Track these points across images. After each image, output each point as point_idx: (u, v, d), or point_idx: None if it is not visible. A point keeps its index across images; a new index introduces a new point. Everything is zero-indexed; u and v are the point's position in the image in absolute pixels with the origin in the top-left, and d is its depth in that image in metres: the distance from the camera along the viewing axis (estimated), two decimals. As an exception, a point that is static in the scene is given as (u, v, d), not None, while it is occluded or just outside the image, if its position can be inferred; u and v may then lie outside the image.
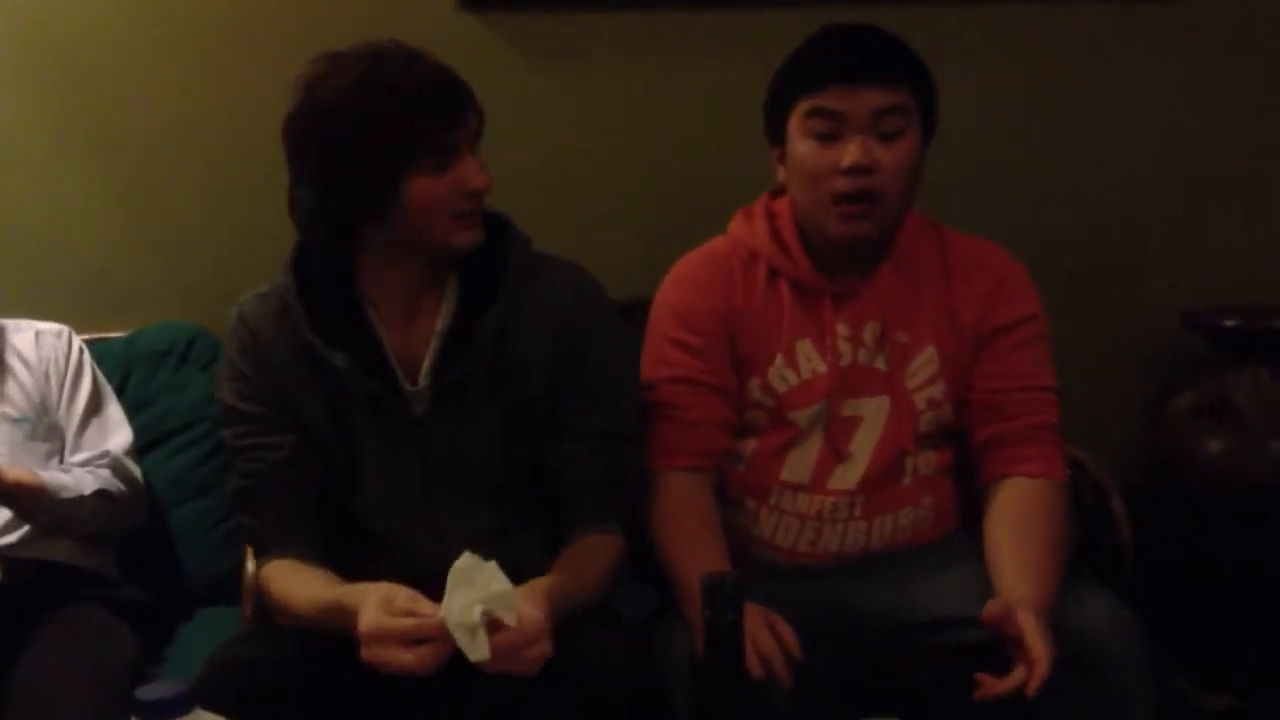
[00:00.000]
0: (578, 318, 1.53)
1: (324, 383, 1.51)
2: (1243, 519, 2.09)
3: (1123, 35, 2.23)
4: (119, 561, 1.90)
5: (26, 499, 1.74)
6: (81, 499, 1.79)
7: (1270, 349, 2.13)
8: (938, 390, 1.67)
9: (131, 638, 1.72)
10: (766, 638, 1.46)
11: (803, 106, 1.60)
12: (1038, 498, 1.62)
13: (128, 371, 2.05)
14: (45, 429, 1.88)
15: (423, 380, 1.51)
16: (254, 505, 1.54)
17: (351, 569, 1.49)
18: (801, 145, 1.61)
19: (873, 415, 1.67)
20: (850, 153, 1.57)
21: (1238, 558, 2.09)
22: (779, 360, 1.67)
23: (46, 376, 1.90)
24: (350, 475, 1.54)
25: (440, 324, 1.52)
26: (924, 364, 1.67)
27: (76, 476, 1.82)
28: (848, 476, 1.67)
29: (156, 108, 2.19)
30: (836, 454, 1.67)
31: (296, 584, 1.48)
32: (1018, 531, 1.57)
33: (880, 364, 1.67)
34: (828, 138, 1.59)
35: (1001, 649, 1.44)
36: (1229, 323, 2.15)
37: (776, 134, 1.65)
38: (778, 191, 1.72)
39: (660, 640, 1.54)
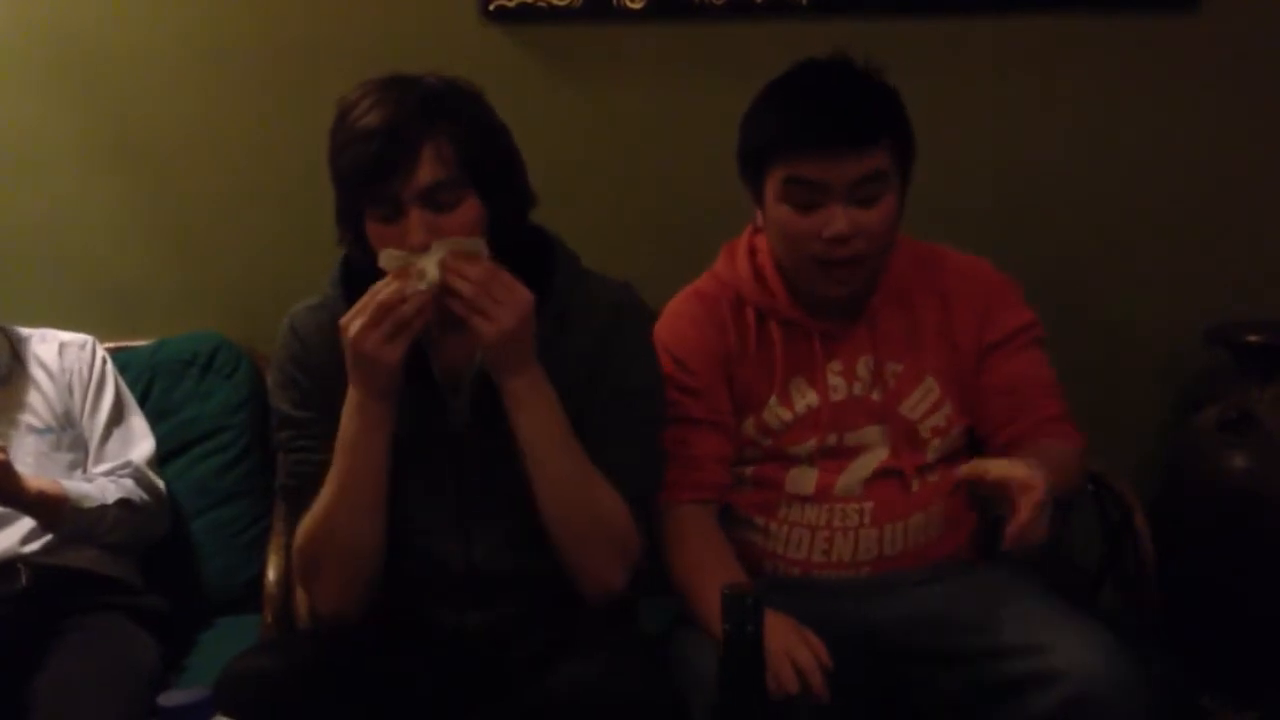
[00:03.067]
0: (613, 340, 1.51)
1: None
2: (1267, 534, 2.08)
3: (1145, 48, 2.23)
4: (141, 570, 1.91)
5: (49, 508, 1.75)
6: (104, 508, 1.80)
7: (1294, 365, 2.12)
8: (942, 417, 1.66)
9: (153, 645, 1.73)
10: (804, 652, 1.46)
11: (779, 173, 1.56)
12: (1054, 446, 1.61)
13: (151, 381, 2.06)
14: (69, 439, 1.89)
15: (463, 395, 1.51)
16: (300, 505, 1.53)
17: (386, 569, 1.50)
18: (780, 210, 1.58)
19: (873, 443, 1.65)
20: (832, 224, 1.53)
21: (1262, 573, 2.07)
22: (774, 400, 1.65)
23: (70, 387, 1.91)
24: (389, 481, 1.52)
25: None
26: (925, 393, 1.66)
27: (99, 486, 1.83)
28: (852, 485, 1.66)
29: (181, 119, 2.21)
30: (841, 469, 1.66)
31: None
32: (1027, 451, 1.57)
33: (876, 395, 1.65)
34: (807, 205, 1.55)
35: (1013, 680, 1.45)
36: (1253, 338, 2.13)
37: (753, 186, 1.62)
38: (761, 226, 1.70)
39: (679, 653, 1.54)
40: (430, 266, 1.38)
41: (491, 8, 2.19)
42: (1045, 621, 1.51)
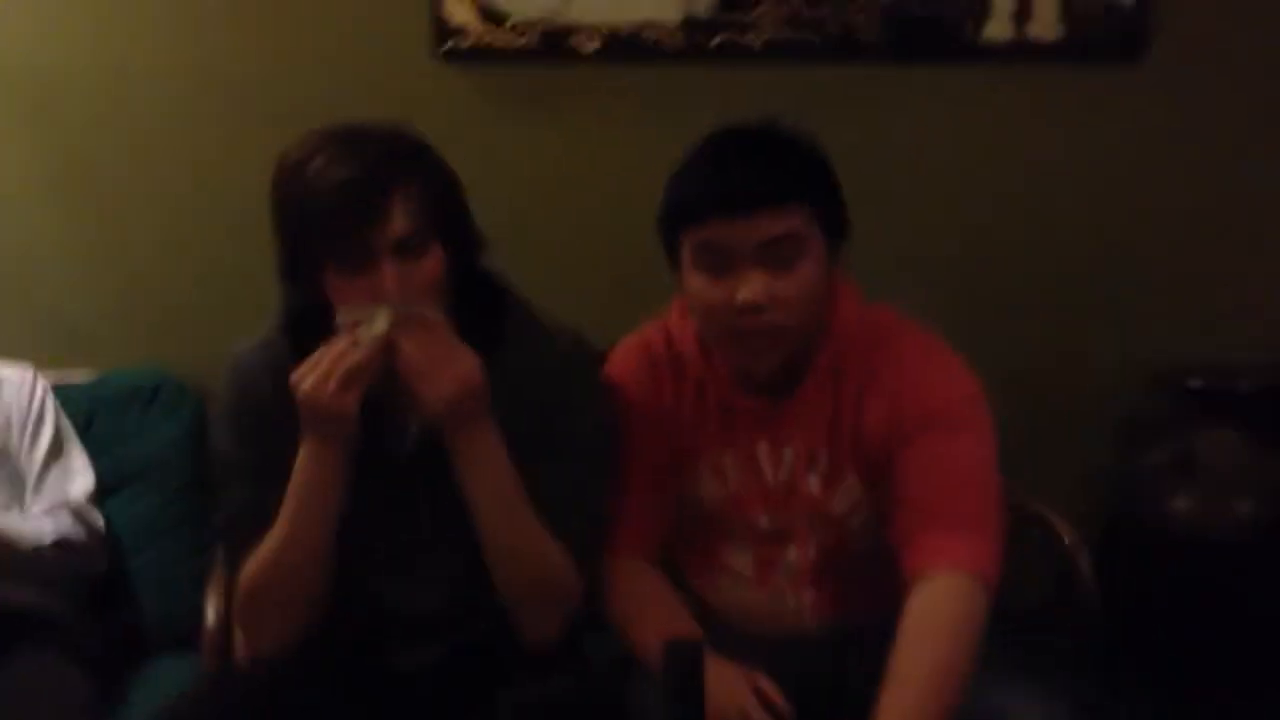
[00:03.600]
0: (562, 392, 1.51)
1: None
2: (1210, 578, 2.10)
3: (1087, 97, 2.27)
4: (79, 607, 1.87)
5: None
6: (40, 548, 1.76)
7: (1236, 409, 2.15)
8: (868, 515, 1.59)
9: (84, 686, 1.70)
10: (757, 710, 1.44)
11: (690, 239, 1.49)
12: (940, 609, 1.43)
13: (93, 415, 2.03)
14: (7, 473, 1.86)
15: (412, 438, 1.51)
16: (238, 545, 1.52)
17: (328, 609, 1.50)
18: (694, 279, 1.50)
19: (809, 529, 1.61)
20: (742, 291, 1.45)
21: (1205, 616, 2.09)
22: (704, 472, 1.61)
23: (9, 420, 1.89)
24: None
25: None
26: (847, 490, 1.59)
27: (35, 524, 1.80)
28: (790, 573, 1.62)
29: (126, 152, 2.20)
30: (776, 556, 1.62)
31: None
32: (904, 669, 1.40)
33: (809, 485, 1.59)
34: (719, 270, 1.47)
35: None
36: (1195, 383, 2.16)
37: (671, 257, 1.55)
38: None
39: (630, 694, 1.53)
40: (380, 319, 1.39)
41: (445, 49, 2.20)
42: (997, 684, 1.47)
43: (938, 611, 1.42)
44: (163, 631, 1.95)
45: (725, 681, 1.47)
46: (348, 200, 1.38)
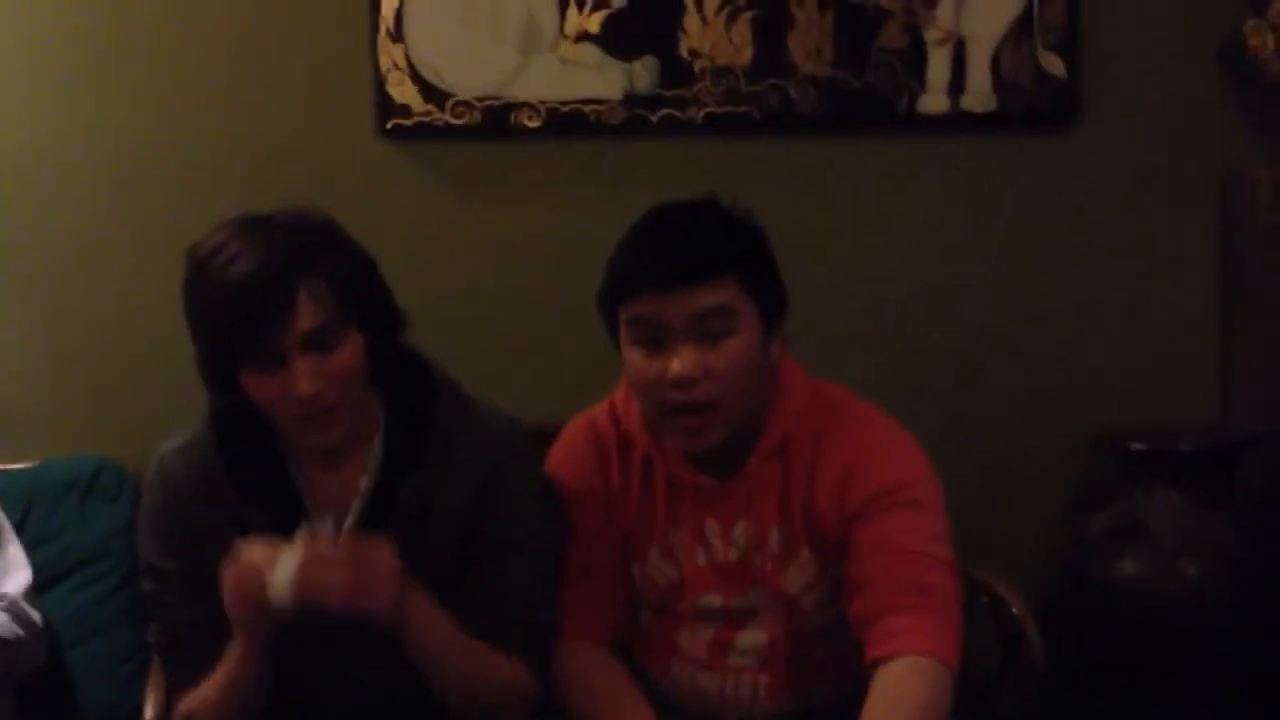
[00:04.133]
0: (496, 481, 1.47)
1: (241, 535, 1.44)
2: (1159, 639, 2.10)
3: (1023, 165, 2.31)
4: (15, 705, 1.82)
5: None
6: None
7: (1179, 470, 2.17)
8: (823, 592, 1.56)
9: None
10: None
11: (624, 314, 1.50)
12: (906, 692, 1.40)
13: (30, 505, 1.99)
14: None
15: (343, 528, 1.46)
16: (173, 657, 1.52)
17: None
18: (630, 354, 1.51)
19: (763, 608, 1.58)
20: (674, 366, 1.45)
21: (1153, 678, 2.09)
22: (654, 553, 1.60)
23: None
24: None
25: (363, 484, 1.47)
26: (801, 567, 1.56)
27: None
28: (747, 656, 1.60)
29: (63, 236, 2.18)
30: (732, 637, 1.60)
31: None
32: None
33: (759, 562, 1.57)
34: (653, 344, 1.47)
35: None
36: (1137, 446, 2.19)
37: (611, 332, 1.55)
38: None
39: None
40: (281, 590, 1.34)
41: (389, 126, 2.21)
42: None
43: (904, 694, 1.40)
44: (101, 727, 1.91)
45: None
46: (250, 299, 1.34)
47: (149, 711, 1.64)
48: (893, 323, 2.27)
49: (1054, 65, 2.27)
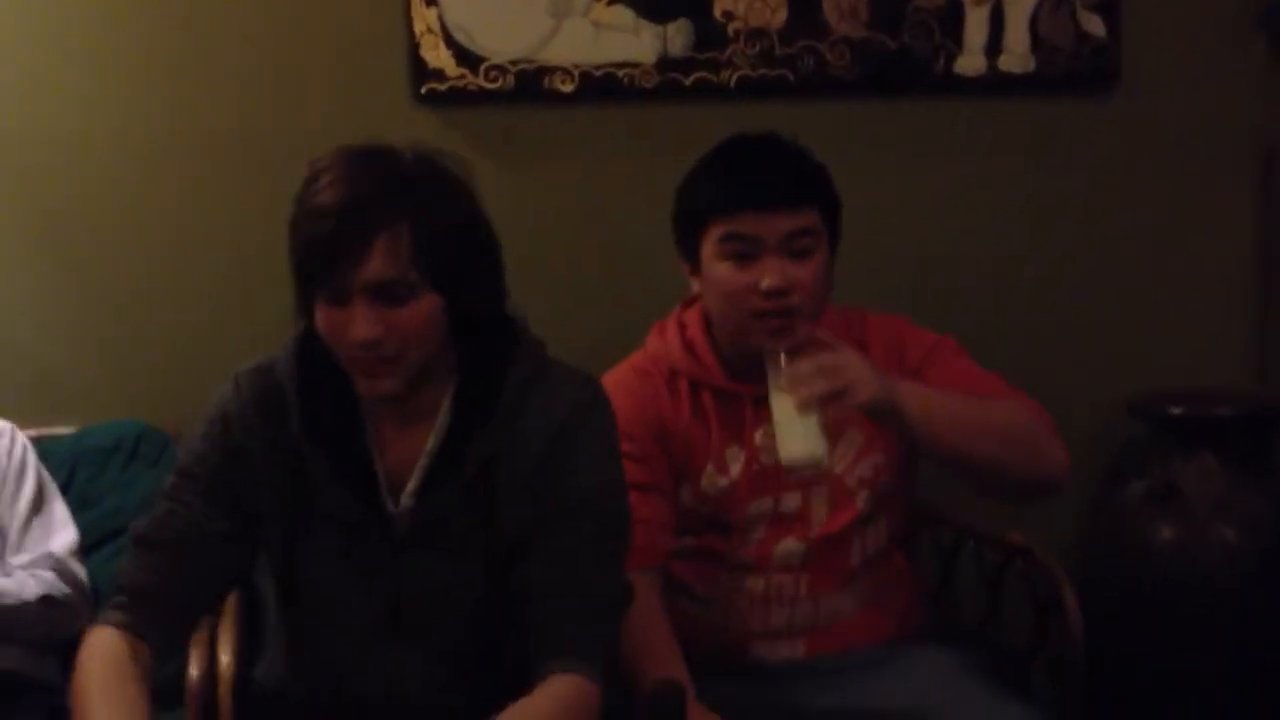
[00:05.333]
0: (560, 443, 1.40)
1: (295, 484, 1.41)
2: (1195, 605, 2.10)
3: (1059, 128, 2.29)
4: (63, 667, 1.85)
5: None
6: (24, 605, 1.75)
7: (1217, 436, 2.16)
8: (869, 467, 1.71)
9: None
10: None
11: (716, 231, 1.64)
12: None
13: (74, 469, 2.01)
14: (-11, 529, 1.85)
15: (405, 502, 1.40)
16: (144, 555, 1.42)
17: (299, 689, 1.46)
18: (718, 267, 1.64)
19: (811, 505, 1.69)
20: (768, 276, 1.60)
21: (1191, 645, 2.09)
22: (710, 468, 1.70)
23: (-8, 475, 1.87)
24: (293, 589, 1.46)
25: (430, 443, 1.40)
26: (848, 447, 1.70)
27: (18, 581, 1.78)
28: (792, 553, 1.70)
29: (107, 204, 2.19)
30: (778, 540, 1.69)
31: (105, 690, 1.35)
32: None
33: None
34: (743, 258, 1.62)
35: None
36: (1175, 410, 2.17)
37: (689, 251, 1.69)
38: (689, 301, 1.76)
39: None
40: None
41: (423, 91, 2.20)
42: (982, 710, 1.54)
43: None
44: (146, 689, 1.94)
45: None
46: (326, 231, 1.29)
47: (193, 671, 1.66)
48: (927, 288, 2.26)
49: (1094, 26, 2.25)
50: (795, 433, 1.48)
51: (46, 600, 1.78)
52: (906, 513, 1.81)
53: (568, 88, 2.22)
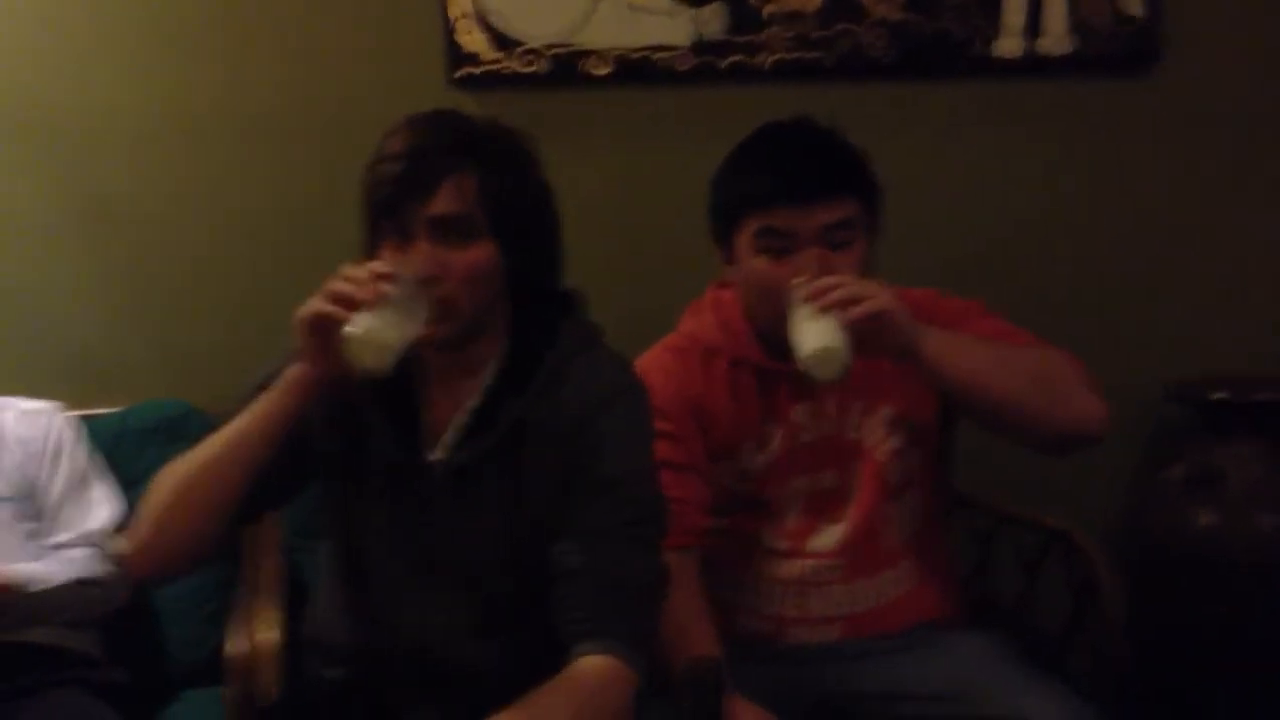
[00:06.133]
0: (594, 415, 1.42)
1: (351, 429, 1.46)
2: (1234, 590, 2.08)
3: (1099, 110, 2.27)
4: (103, 641, 1.88)
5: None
6: (55, 590, 1.76)
7: (1257, 421, 2.14)
8: (897, 440, 1.70)
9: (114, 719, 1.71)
10: None
11: (752, 225, 1.61)
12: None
13: (117, 449, 2.04)
14: (32, 509, 1.87)
15: (439, 454, 1.45)
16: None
17: (347, 626, 1.48)
18: (754, 261, 1.62)
19: (847, 481, 1.69)
20: (806, 270, 1.55)
21: (1230, 630, 2.08)
22: (748, 446, 1.69)
23: (32, 455, 1.90)
24: (345, 533, 1.49)
25: (473, 400, 1.45)
26: (880, 422, 1.70)
27: (50, 566, 1.80)
28: (828, 540, 1.69)
29: (148, 185, 2.22)
30: (814, 522, 1.69)
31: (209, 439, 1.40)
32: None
33: (847, 432, 1.70)
34: (780, 252, 1.60)
35: None
36: (1215, 395, 2.15)
37: (724, 242, 1.67)
38: (724, 282, 1.75)
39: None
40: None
41: (459, 75, 2.21)
42: (1018, 694, 1.53)
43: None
44: (187, 665, 1.96)
45: (741, 718, 1.49)
46: (397, 171, 1.37)
47: (234, 647, 1.68)
48: (964, 270, 2.23)
49: (1133, 6, 2.23)
50: (812, 330, 1.46)
51: (79, 583, 1.80)
52: (942, 495, 1.80)
53: (603, 71, 2.22)
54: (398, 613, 1.47)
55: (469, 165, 1.38)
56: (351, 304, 1.30)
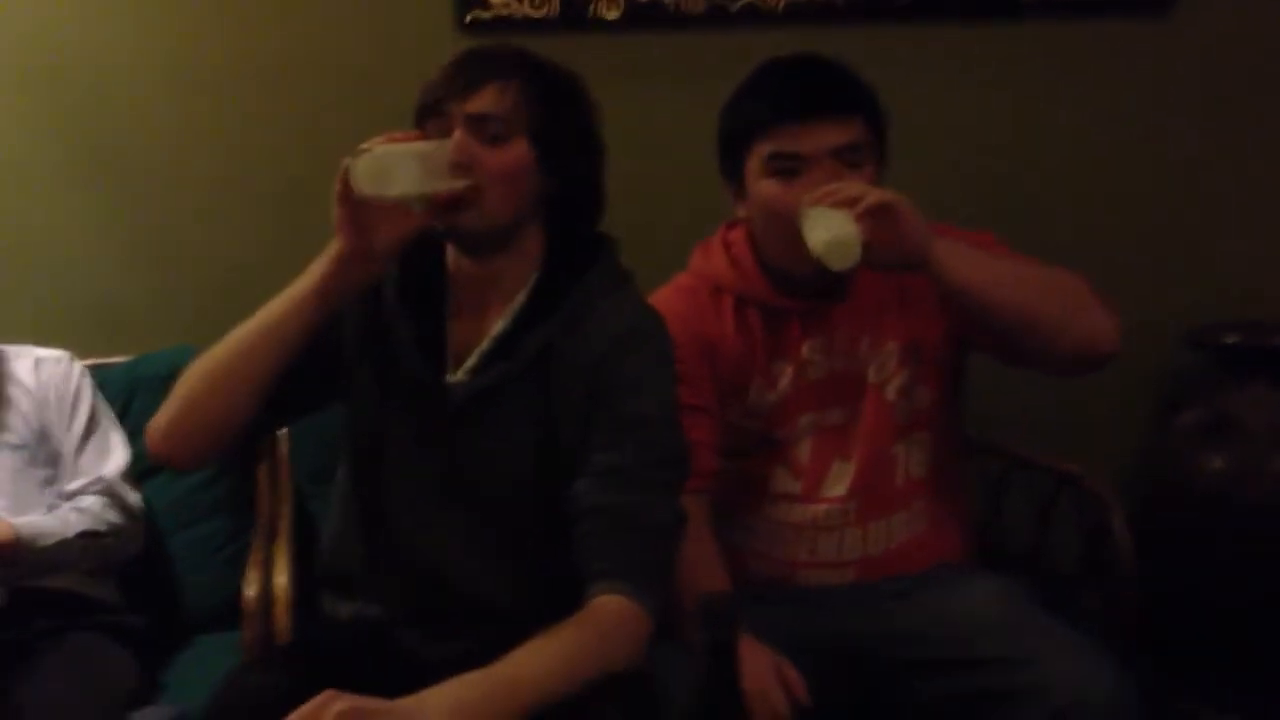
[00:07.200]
0: (620, 351, 1.43)
1: (382, 345, 1.48)
2: (1245, 536, 2.08)
3: (1119, 51, 2.24)
4: (120, 588, 1.89)
5: (2, 555, 1.70)
6: (65, 543, 1.77)
7: (1273, 365, 2.13)
8: (906, 375, 1.69)
9: (131, 663, 1.72)
10: (777, 693, 1.48)
11: (761, 149, 1.62)
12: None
13: (130, 397, 2.04)
14: (45, 455, 1.88)
15: (462, 374, 1.46)
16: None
17: (361, 554, 1.49)
18: (764, 185, 1.62)
19: (855, 418, 1.69)
20: (819, 187, 1.54)
21: (1241, 575, 2.07)
22: (757, 384, 1.69)
23: (46, 402, 1.90)
24: (366, 447, 1.50)
25: (498, 326, 1.46)
26: (886, 358, 1.69)
27: (61, 519, 1.80)
28: (839, 483, 1.69)
29: (162, 133, 2.21)
30: (825, 463, 1.69)
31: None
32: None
33: (856, 367, 1.69)
34: (789, 174, 1.60)
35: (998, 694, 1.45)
36: (1231, 339, 2.14)
37: (734, 172, 1.67)
38: (733, 223, 1.75)
39: (659, 668, 1.53)
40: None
41: (468, 20, 2.19)
42: (1032, 634, 1.53)
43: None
44: (203, 611, 1.98)
45: (751, 661, 1.48)
46: (447, 74, 1.43)
47: (249, 593, 1.69)
48: (982, 212, 2.20)
49: (1151, -54, 2.19)
50: (822, 221, 1.49)
51: (90, 535, 1.80)
52: (953, 438, 1.79)
53: (613, 15, 2.20)
54: (414, 537, 1.47)
55: (515, 76, 1.43)
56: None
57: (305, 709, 1.18)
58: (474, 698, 1.24)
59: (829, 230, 1.48)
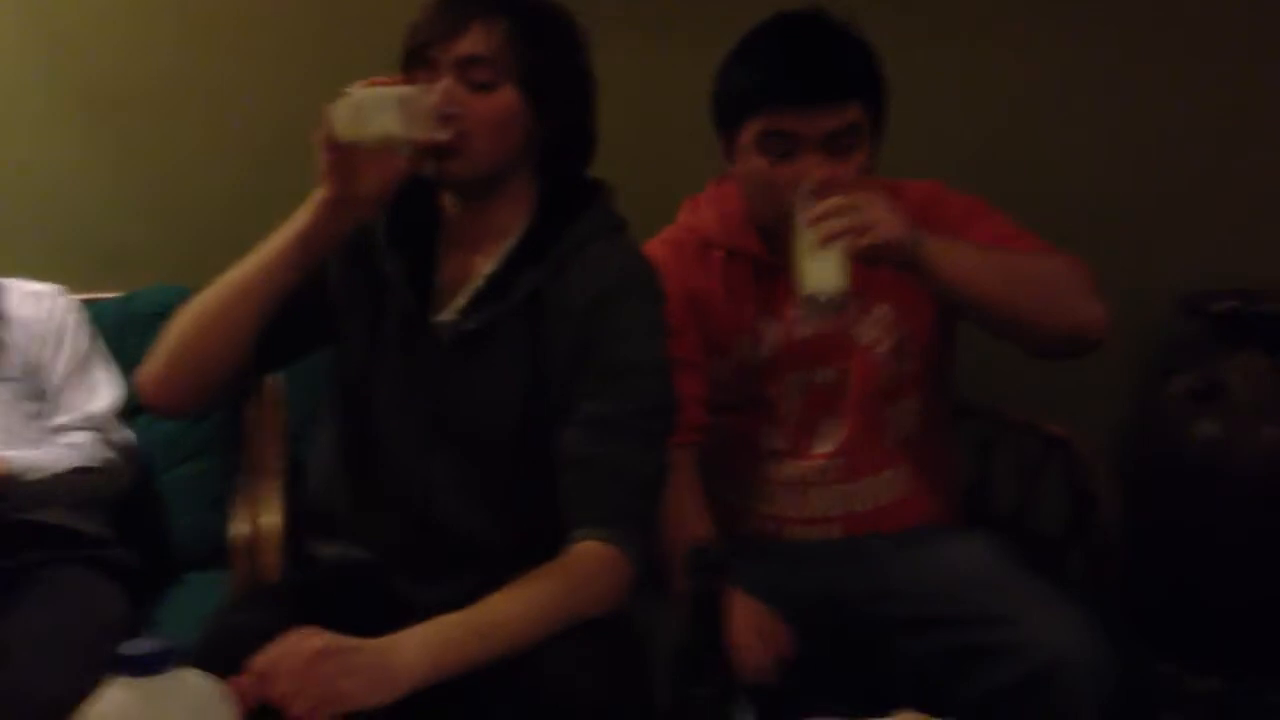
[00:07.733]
0: (610, 298, 1.42)
1: (373, 284, 1.48)
2: (1233, 501, 2.10)
3: (1120, 21, 2.23)
4: (111, 523, 1.90)
5: None
6: (55, 477, 1.77)
7: (1264, 332, 2.13)
8: (893, 339, 1.69)
9: (120, 597, 1.73)
10: (758, 647, 1.49)
11: (755, 126, 1.59)
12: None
13: (123, 332, 2.03)
14: (34, 389, 1.88)
15: (451, 313, 1.45)
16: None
17: (348, 493, 1.50)
18: (754, 161, 1.61)
19: (844, 378, 1.69)
20: (809, 177, 1.53)
21: (1227, 541, 2.09)
22: (745, 340, 1.69)
23: (37, 336, 1.90)
24: (355, 384, 1.50)
25: (488, 267, 1.46)
26: (876, 321, 1.69)
27: (51, 453, 1.80)
28: (828, 440, 1.70)
29: (153, 69, 2.19)
30: (813, 420, 1.69)
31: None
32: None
33: (844, 328, 1.69)
34: (782, 154, 1.58)
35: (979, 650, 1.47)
36: (1223, 306, 2.14)
37: (725, 135, 1.65)
38: (723, 178, 1.73)
39: (643, 616, 1.55)
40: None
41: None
42: (1014, 593, 1.54)
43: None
44: (192, 549, 1.98)
45: (739, 613, 1.48)
46: (432, 14, 1.41)
47: (239, 532, 1.69)
48: (976, 174, 2.20)
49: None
50: (815, 266, 1.47)
51: (81, 471, 1.80)
52: (941, 400, 1.80)
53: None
54: (401, 475, 1.48)
55: (501, 12, 1.40)
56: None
57: (280, 645, 1.19)
58: (446, 639, 1.25)
59: (822, 278, 1.45)
